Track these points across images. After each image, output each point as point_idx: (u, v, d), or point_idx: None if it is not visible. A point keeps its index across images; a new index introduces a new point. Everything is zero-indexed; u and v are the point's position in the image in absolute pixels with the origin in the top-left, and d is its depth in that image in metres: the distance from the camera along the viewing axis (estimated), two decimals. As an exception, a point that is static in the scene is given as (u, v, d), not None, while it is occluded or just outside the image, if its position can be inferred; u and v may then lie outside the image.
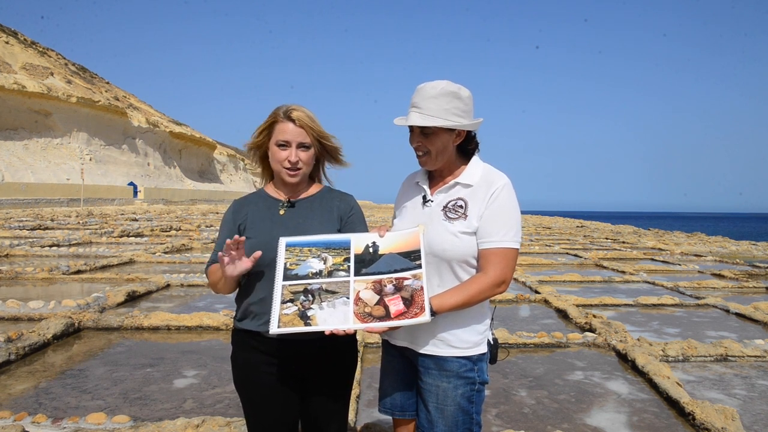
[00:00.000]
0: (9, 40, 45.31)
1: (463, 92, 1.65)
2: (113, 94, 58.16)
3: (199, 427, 2.69)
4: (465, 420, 1.69)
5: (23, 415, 2.85)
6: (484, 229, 1.64)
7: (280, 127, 1.72)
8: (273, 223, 1.74)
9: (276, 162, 1.75)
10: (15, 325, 4.84)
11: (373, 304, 1.53)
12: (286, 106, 1.74)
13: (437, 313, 1.55)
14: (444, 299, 1.58)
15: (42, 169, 37.35)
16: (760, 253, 14.21)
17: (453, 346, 1.67)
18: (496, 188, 1.65)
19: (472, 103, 1.68)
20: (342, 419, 1.83)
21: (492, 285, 1.61)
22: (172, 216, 24.90)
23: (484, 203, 1.65)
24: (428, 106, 1.62)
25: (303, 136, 1.72)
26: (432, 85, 1.64)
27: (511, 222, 1.64)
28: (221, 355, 4.15)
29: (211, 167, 70.13)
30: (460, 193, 1.69)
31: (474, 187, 1.68)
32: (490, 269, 1.62)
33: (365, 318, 1.50)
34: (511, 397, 3.42)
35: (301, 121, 1.71)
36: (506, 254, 1.63)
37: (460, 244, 1.64)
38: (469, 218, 1.65)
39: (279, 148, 1.72)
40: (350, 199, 1.87)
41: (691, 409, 3.04)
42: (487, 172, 1.71)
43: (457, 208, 1.67)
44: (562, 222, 29.82)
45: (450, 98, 1.62)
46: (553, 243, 14.71)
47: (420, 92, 1.64)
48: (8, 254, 9.90)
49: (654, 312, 6.10)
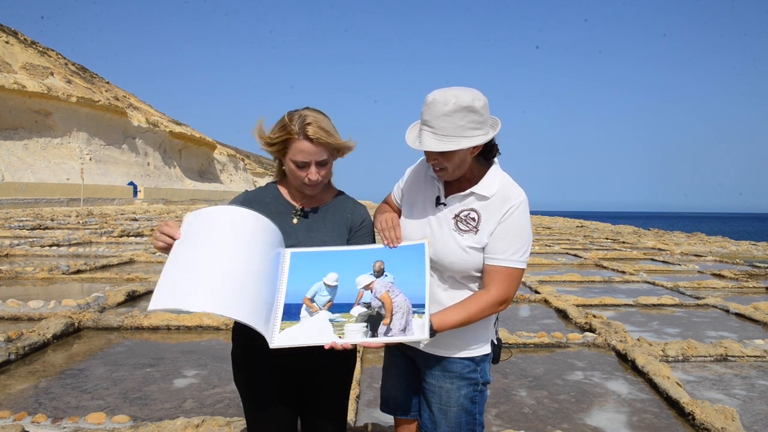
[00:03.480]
0: (9, 40, 45.30)
1: (477, 103, 1.51)
2: (113, 94, 58.16)
3: (199, 427, 2.69)
4: (468, 420, 1.69)
5: (23, 414, 2.85)
6: (493, 245, 1.59)
7: (296, 146, 1.60)
8: (284, 232, 1.66)
9: (294, 178, 1.67)
10: (15, 324, 4.84)
11: None
12: (299, 117, 1.61)
13: (437, 332, 1.51)
14: (445, 318, 1.53)
15: (42, 168, 37.34)
16: (760, 253, 14.22)
17: (457, 347, 1.66)
18: (512, 206, 1.59)
19: (487, 108, 1.55)
20: (342, 419, 1.83)
21: (494, 304, 1.57)
22: (172, 216, 24.90)
23: (497, 219, 1.59)
24: (441, 126, 1.50)
25: (321, 153, 1.62)
26: (443, 100, 1.50)
27: (521, 241, 1.59)
28: (221, 355, 4.15)
29: (211, 167, 70.13)
30: (474, 204, 1.62)
31: (490, 200, 1.61)
32: (492, 287, 1.58)
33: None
34: (511, 397, 3.42)
35: (319, 138, 1.59)
36: (511, 273, 1.58)
37: (467, 259, 1.60)
38: (480, 233, 1.60)
39: (296, 167, 1.63)
40: (363, 210, 1.82)
41: (691, 409, 3.04)
42: (505, 185, 1.63)
43: (469, 220, 1.62)
44: (562, 222, 29.81)
45: (464, 113, 1.49)
46: (553, 243, 14.70)
47: (431, 108, 1.51)
48: (8, 254, 9.90)
49: (654, 312, 6.10)
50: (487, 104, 1.56)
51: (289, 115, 1.63)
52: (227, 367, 3.64)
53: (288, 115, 1.63)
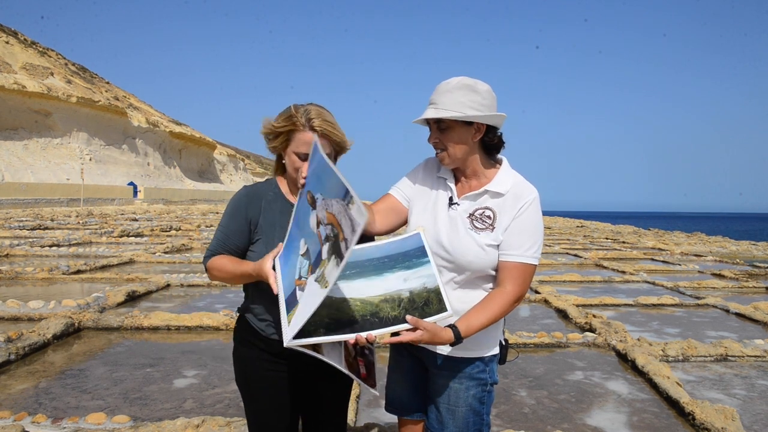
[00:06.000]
0: (9, 40, 45.31)
1: (480, 86, 1.57)
2: (113, 94, 58.18)
3: (199, 427, 2.69)
4: (476, 421, 1.69)
5: (23, 415, 2.85)
6: (508, 241, 1.59)
7: (300, 138, 1.61)
8: (284, 231, 1.63)
9: (294, 170, 1.66)
10: (15, 324, 4.84)
11: (353, 356, 1.58)
12: (304, 109, 1.63)
13: (465, 338, 1.51)
14: (471, 323, 1.53)
15: (42, 169, 37.35)
16: (760, 253, 14.21)
17: (467, 347, 1.64)
18: (526, 201, 1.60)
19: (492, 97, 1.60)
20: (342, 419, 1.84)
21: (512, 301, 1.59)
22: (172, 216, 24.90)
23: (511, 216, 1.60)
24: (443, 101, 1.56)
25: (324, 146, 1.62)
26: (448, 80, 1.59)
27: (535, 237, 1.60)
28: (221, 355, 4.15)
29: (210, 167, 70.13)
30: (488, 202, 1.63)
31: (504, 197, 1.62)
32: (508, 284, 1.58)
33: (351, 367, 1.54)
34: (511, 397, 3.42)
35: (324, 130, 1.61)
36: (526, 270, 1.59)
37: (485, 257, 1.60)
38: (496, 231, 1.60)
39: (299, 158, 1.64)
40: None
41: (691, 409, 3.04)
42: (518, 182, 1.65)
43: (485, 219, 1.62)
44: (562, 222, 29.82)
45: (465, 91, 1.56)
46: (553, 243, 14.70)
47: (437, 89, 1.60)
48: (8, 254, 9.90)
49: (654, 312, 6.10)
50: (492, 94, 1.60)
51: (294, 107, 1.64)
52: (227, 367, 3.64)
53: (294, 107, 1.64)
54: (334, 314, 1.45)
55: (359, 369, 1.58)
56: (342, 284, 1.51)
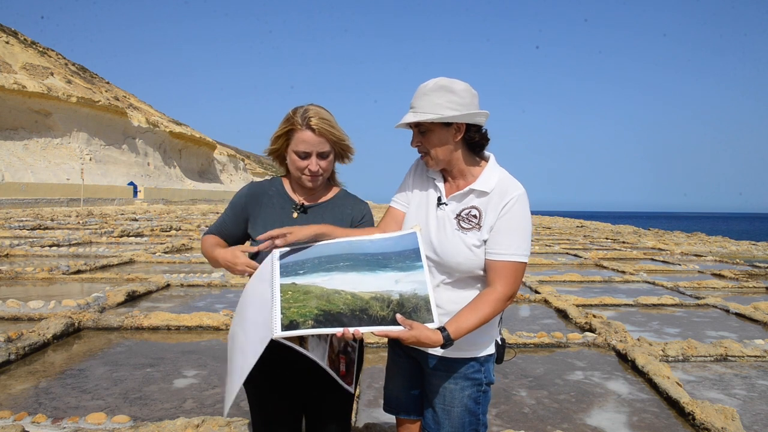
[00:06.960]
0: (9, 40, 45.32)
1: (456, 85, 1.58)
2: (113, 94, 58.18)
3: (199, 427, 2.69)
4: (471, 421, 1.69)
5: (23, 414, 2.85)
6: (495, 239, 1.59)
7: (299, 136, 1.67)
8: (281, 226, 1.66)
9: (295, 169, 1.71)
10: (15, 324, 4.84)
11: (336, 352, 1.60)
12: (303, 109, 1.68)
13: (455, 339, 1.50)
14: (460, 325, 1.51)
15: (42, 169, 37.35)
16: (760, 253, 14.21)
17: (461, 348, 1.64)
18: (511, 198, 1.59)
19: (471, 95, 1.59)
20: (345, 418, 1.84)
21: (502, 301, 1.57)
22: (172, 216, 24.91)
23: (496, 213, 1.59)
24: (421, 104, 1.58)
25: (323, 144, 1.67)
26: (426, 83, 1.61)
27: (523, 234, 1.59)
28: (221, 355, 4.15)
29: (211, 167, 70.13)
30: (474, 201, 1.63)
31: (489, 195, 1.62)
32: (498, 284, 1.57)
33: (332, 363, 1.57)
34: (511, 397, 3.42)
35: (321, 129, 1.65)
36: (515, 268, 1.58)
37: (473, 257, 1.60)
38: (482, 230, 1.60)
39: (298, 157, 1.69)
40: (364, 206, 1.85)
41: (691, 409, 3.04)
42: (503, 179, 1.64)
43: (471, 218, 1.62)
44: (562, 222, 29.82)
45: (442, 92, 1.56)
46: (553, 243, 14.71)
47: (416, 92, 1.61)
48: (8, 254, 9.90)
49: (654, 312, 6.10)
50: (470, 92, 1.59)
51: (293, 109, 1.71)
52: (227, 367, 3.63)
53: (292, 110, 1.71)
54: (324, 305, 1.45)
55: (339, 366, 1.60)
56: (334, 275, 1.52)
